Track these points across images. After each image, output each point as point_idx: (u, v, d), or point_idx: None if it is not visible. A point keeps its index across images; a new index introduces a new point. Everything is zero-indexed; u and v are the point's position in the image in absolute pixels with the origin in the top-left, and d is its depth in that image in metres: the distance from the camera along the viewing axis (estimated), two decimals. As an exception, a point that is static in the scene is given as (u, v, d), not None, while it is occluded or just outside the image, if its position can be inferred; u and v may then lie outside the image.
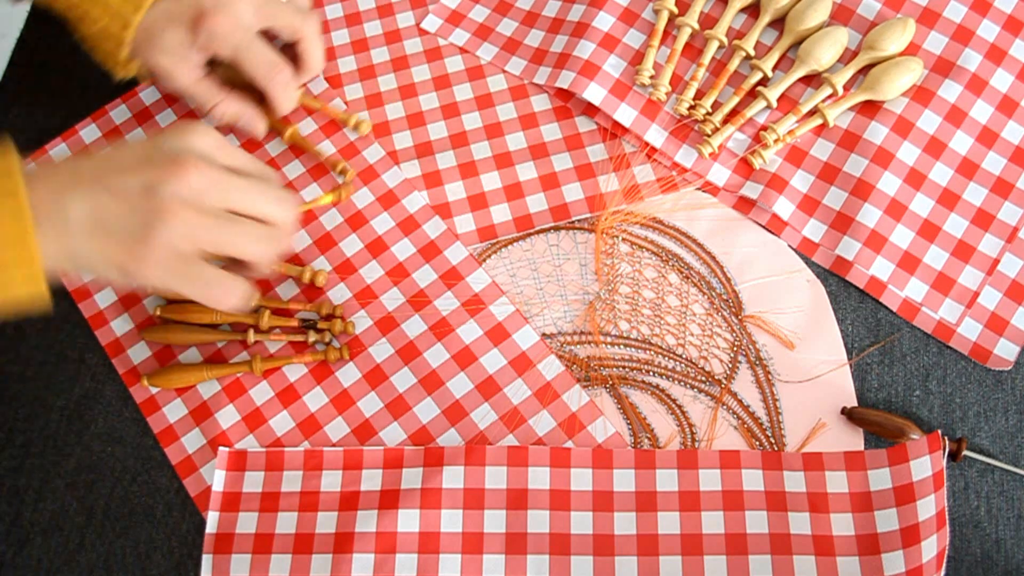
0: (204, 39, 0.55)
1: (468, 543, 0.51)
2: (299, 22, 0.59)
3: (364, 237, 0.60)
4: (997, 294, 0.57)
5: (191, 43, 0.56)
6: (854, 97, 0.59)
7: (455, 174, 0.62)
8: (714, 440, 0.54)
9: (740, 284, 0.58)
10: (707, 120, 0.61)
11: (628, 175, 0.61)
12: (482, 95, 0.64)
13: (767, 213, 0.59)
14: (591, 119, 0.63)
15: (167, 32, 0.55)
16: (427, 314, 0.58)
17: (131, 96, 0.65)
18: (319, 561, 0.51)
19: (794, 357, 0.56)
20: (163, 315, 0.58)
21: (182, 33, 0.55)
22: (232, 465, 0.54)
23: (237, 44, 0.56)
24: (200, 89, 0.58)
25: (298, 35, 0.59)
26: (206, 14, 0.55)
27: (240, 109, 0.60)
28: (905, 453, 0.50)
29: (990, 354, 0.56)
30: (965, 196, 0.58)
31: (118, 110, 0.65)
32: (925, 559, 0.48)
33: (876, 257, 0.57)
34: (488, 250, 0.60)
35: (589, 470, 0.53)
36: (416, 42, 0.66)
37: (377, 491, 0.53)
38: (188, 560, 0.54)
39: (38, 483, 0.56)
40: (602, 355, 0.57)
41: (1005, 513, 0.53)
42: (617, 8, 0.63)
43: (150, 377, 0.56)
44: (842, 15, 0.62)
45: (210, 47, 0.56)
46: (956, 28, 0.60)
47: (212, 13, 0.55)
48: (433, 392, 0.56)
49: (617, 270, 0.59)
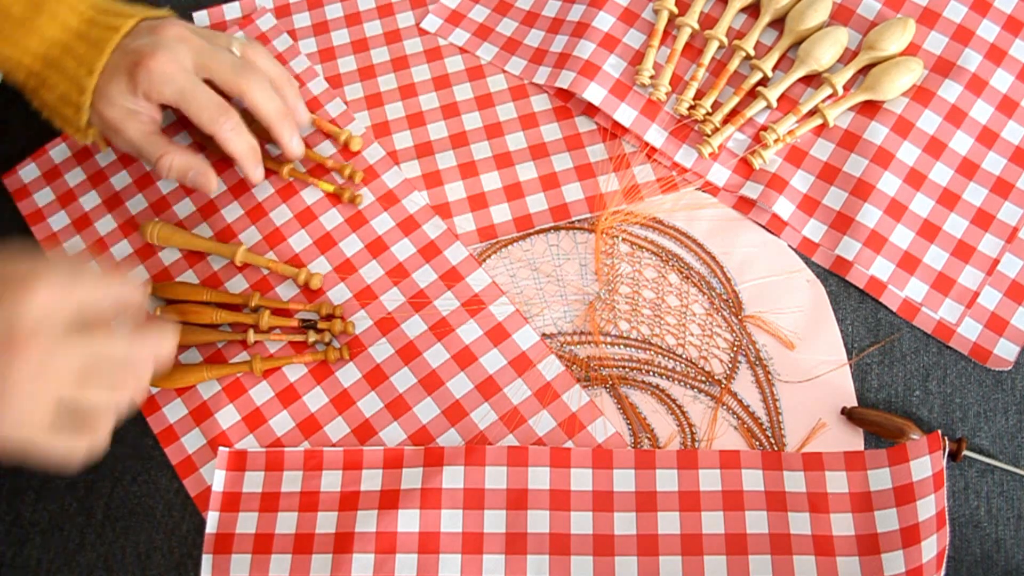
0: (144, 83, 0.52)
1: (468, 543, 0.51)
2: (234, 78, 0.54)
3: (364, 237, 0.60)
4: (997, 294, 0.57)
5: (133, 90, 0.53)
6: (854, 97, 0.59)
7: (455, 174, 0.62)
8: (714, 440, 0.54)
9: (740, 284, 0.58)
10: (707, 120, 0.61)
11: (628, 175, 0.61)
12: (482, 95, 0.64)
13: (767, 213, 0.59)
14: (591, 119, 0.63)
15: (111, 84, 0.53)
16: (427, 314, 0.58)
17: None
18: (319, 561, 0.51)
19: (794, 357, 0.56)
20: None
21: (124, 81, 0.53)
22: (232, 465, 0.54)
23: (181, 88, 0.53)
24: (149, 141, 0.55)
25: (238, 92, 0.55)
26: (144, 56, 0.52)
27: (188, 162, 0.56)
28: (905, 453, 0.50)
29: (990, 354, 0.56)
30: (965, 196, 0.58)
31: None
32: (925, 559, 0.48)
33: (876, 257, 0.57)
34: (488, 250, 0.60)
35: (589, 470, 0.53)
36: (416, 42, 0.66)
37: (377, 491, 0.53)
38: (188, 560, 0.54)
39: (38, 483, 0.56)
40: (602, 355, 0.57)
41: (1005, 513, 0.53)
42: (617, 8, 0.63)
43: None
44: (842, 15, 0.62)
45: (151, 92, 0.53)
46: (956, 28, 0.60)
47: (150, 55, 0.52)
48: (433, 392, 0.56)
49: (617, 270, 0.59)
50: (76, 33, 0.54)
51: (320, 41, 0.67)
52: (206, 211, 0.62)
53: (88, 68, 0.53)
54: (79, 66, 0.54)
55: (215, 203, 0.62)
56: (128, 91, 0.53)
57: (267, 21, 0.67)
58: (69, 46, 0.54)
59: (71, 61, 0.54)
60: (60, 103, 0.55)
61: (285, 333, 0.57)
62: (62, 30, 0.54)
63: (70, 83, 0.54)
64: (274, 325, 0.57)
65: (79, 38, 0.54)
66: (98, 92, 0.54)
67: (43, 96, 0.55)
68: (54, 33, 0.54)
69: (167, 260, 0.60)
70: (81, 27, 0.54)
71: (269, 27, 0.67)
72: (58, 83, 0.54)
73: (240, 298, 0.58)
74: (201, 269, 0.60)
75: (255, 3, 0.68)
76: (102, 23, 0.54)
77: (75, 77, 0.54)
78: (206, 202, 0.62)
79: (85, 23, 0.54)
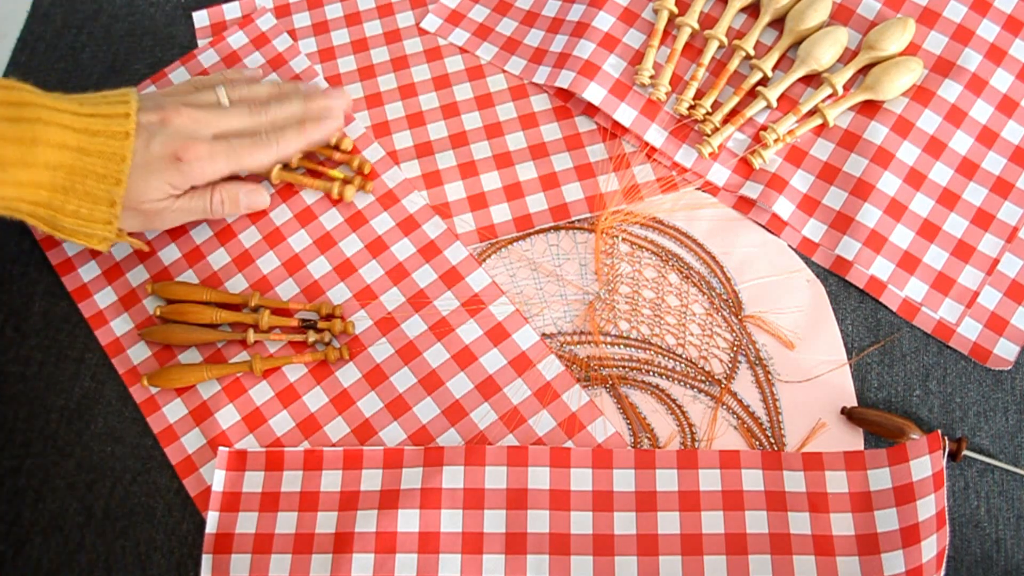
0: (188, 176, 0.55)
1: (468, 543, 0.51)
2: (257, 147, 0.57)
3: (364, 237, 0.60)
4: (997, 294, 0.57)
5: (178, 185, 0.55)
6: (854, 97, 0.59)
7: (455, 174, 0.62)
8: (714, 440, 0.54)
9: (740, 284, 0.58)
10: (707, 120, 0.61)
11: (628, 175, 0.61)
12: (482, 95, 0.64)
13: (767, 213, 0.59)
14: (591, 119, 0.63)
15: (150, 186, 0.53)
16: (427, 314, 0.58)
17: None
18: (319, 561, 0.51)
19: (794, 357, 0.56)
20: (163, 315, 0.58)
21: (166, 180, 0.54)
22: (232, 465, 0.54)
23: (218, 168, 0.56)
24: (187, 206, 0.57)
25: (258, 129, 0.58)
26: (178, 152, 0.54)
27: (232, 191, 0.58)
28: (905, 453, 0.50)
29: (990, 354, 0.56)
30: (965, 196, 0.58)
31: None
32: (925, 559, 0.48)
33: (876, 257, 0.57)
34: (488, 250, 0.60)
35: (589, 470, 0.53)
36: (416, 42, 0.66)
37: (377, 491, 0.53)
38: (188, 560, 0.54)
39: (38, 483, 0.56)
40: (602, 355, 0.57)
41: (1005, 513, 0.53)
42: (617, 8, 0.63)
43: (150, 377, 0.56)
44: (842, 15, 0.62)
45: (198, 181, 0.55)
46: (956, 28, 0.60)
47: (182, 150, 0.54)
48: (433, 392, 0.56)
49: (617, 270, 0.59)
50: (78, 150, 0.51)
51: (320, 41, 0.67)
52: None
53: (115, 179, 0.52)
54: (100, 182, 0.52)
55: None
56: (172, 187, 0.54)
57: (267, 21, 0.67)
58: (78, 166, 0.51)
59: (90, 180, 0.52)
60: (85, 222, 0.53)
61: (285, 333, 0.57)
62: (62, 152, 0.51)
63: (94, 200, 0.52)
64: (274, 325, 0.57)
65: (85, 154, 0.51)
66: (133, 197, 0.53)
67: (60, 222, 0.53)
68: (56, 158, 0.50)
69: (167, 260, 0.60)
70: (81, 142, 0.51)
71: (269, 27, 0.67)
72: (79, 205, 0.52)
73: (240, 298, 0.58)
74: (201, 269, 0.60)
75: (255, 3, 0.68)
76: (102, 131, 0.52)
77: (100, 192, 0.52)
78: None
79: (84, 136, 0.51)
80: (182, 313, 0.57)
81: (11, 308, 0.60)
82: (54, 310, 0.60)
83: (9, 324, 0.60)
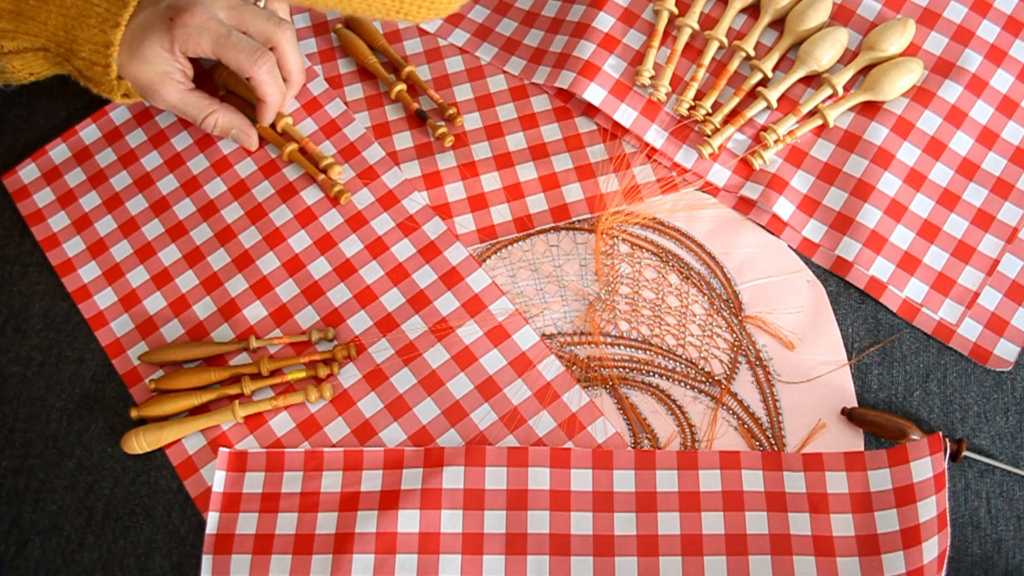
0: (182, 37, 0.55)
1: (468, 544, 0.51)
2: (271, 29, 0.57)
3: (364, 237, 0.60)
4: (997, 294, 0.57)
5: (170, 46, 0.55)
6: (854, 98, 0.59)
7: (455, 174, 0.62)
8: (714, 441, 0.54)
9: (740, 285, 0.58)
10: (707, 121, 0.61)
11: (628, 175, 0.61)
12: (482, 95, 0.64)
13: (767, 213, 0.59)
14: (591, 119, 0.63)
15: (145, 43, 0.55)
16: (427, 315, 0.58)
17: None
18: (319, 562, 0.51)
19: (794, 358, 0.56)
20: (158, 387, 0.56)
21: (160, 38, 0.55)
22: (232, 466, 0.54)
23: (216, 36, 0.55)
24: (190, 100, 0.58)
25: (271, 42, 0.57)
26: (179, 12, 0.55)
27: (232, 120, 0.60)
28: (905, 454, 0.50)
29: (990, 354, 0.56)
30: (965, 197, 0.58)
31: (118, 111, 0.65)
32: (926, 560, 0.48)
33: (876, 257, 0.57)
34: (488, 250, 0.60)
35: (589, 471, 0.53)
36: (416, 42, 0.66)
37: (377, 492, 0.53)
38: (188, 561, 0.54)
39: (38, 483, 0.56)
40: (602, 355, 0.57)
41: (1005, 513, 0.53)
42: (617, 8, 0.63)
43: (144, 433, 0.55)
44: (842, 15, 0.62)
45: (188, 45, 0.55)
46: (956, 28, 0.60)
47: (185, 10, 0.55)
48: (433, 393, 0.56)
49: (617, 270, 0.59)
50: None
51: (320, 41, 0.67)
52: (206, 212, 0.61)
53: (113, 22, 0.55)
54: (103, 22, 0.54)
55: (215, 203, 0.62)
56: (165, 48, 0.55)
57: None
58: (87, 9, 0.55)
59: (93, 20, 0.54)
60: (88, 64, 0.56)
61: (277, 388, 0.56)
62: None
63: (95, 42, 0.55)
64: (274, 369, 0.56)
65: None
66: (132, 54, 0.55)
67: (74, 63, 0.56)
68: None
69: (167, 260, 0.60)
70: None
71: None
72: (84, 44, 0.55)
73: (233, 346, 0.57)
74: (201, 269, 0.60)
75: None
76: None
77: (100, 34, 0.55)
78: (206, 203, 0.62)
79: None
80: (177, 382, 0.56)
81: (11, 308, 0.60)
82: (54, 311, 0.60)
83: (9, 324, 0.60)
